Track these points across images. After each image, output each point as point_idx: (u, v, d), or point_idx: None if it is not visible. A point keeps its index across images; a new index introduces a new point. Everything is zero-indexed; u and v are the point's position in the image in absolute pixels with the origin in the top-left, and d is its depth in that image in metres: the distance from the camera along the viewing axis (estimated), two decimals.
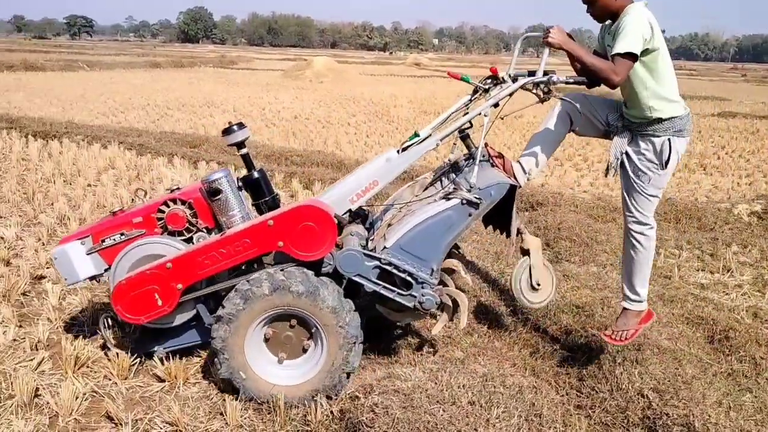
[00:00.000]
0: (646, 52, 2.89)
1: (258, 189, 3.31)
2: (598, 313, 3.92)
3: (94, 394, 3.05)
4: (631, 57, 2.82)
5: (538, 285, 3.29)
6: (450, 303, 3.11)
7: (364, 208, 3.53)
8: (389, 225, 3.20)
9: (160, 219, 3.19)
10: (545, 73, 3.01)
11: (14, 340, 3.49)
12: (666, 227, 6.23)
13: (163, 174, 7.46)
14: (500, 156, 3.31)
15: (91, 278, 3.25)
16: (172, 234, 3.18)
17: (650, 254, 3.15)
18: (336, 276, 3.00)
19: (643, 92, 2.97)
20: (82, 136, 9.67)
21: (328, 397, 2.94)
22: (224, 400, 2.97)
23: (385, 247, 2.96)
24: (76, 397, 2.93)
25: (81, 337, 3.32)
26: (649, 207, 3.11)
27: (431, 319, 3.39)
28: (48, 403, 2.90)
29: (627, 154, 3.12)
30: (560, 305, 4.05)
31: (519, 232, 3.31)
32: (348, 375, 2.95)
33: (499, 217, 3.33)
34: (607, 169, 3.20)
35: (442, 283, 3.18)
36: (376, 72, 36.13)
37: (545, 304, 3.40)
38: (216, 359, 2.94)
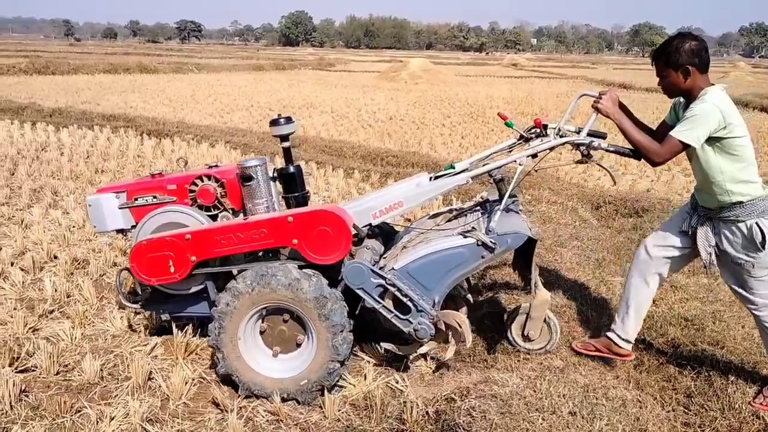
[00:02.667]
0: (718, 139, 2.72)
1: (291, 183, 3.42)
2: (709, 327, 3.71)
3: (202, 380, 3.21)
4: (685, 146, 2.71)
5: (530, 336, 3.36)
6: (456, 324, 3.08)
7: (392, 225, 3.63)
8: (404, 247, 3.21)
9: (192, 191, 3.31)
10: (590, 135, 3.00)
11: (130, 326, 3.74)
12: None
13: None
14: None
15: (118, 231, 3.41)
16: (200, 207, 3.30)
17: None
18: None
19: (719, 177, 2.79)
20: (191, 135, 10.20)
21: (325, 388, 2.98)
22: (322, 393, 3.04)
23: (393, 268, 2.98)
24: (186, 382, 3.09)
25: (190, 325, 3.49)
26: (766, 287, 2.88)
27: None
28: (160, 386, 3.08)
29: (717, 246, 2.91)
30: (667, 317, 3.86)
31: (534, 285, 3.28)
32: (341, 363, 2.97)
33: (523, 263, 3.40)
34: (705, 267, 2.98)
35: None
36: (471, 73, 35.79)
37: (535, 352, 3.42)
38: (215, 357, 3.04)
